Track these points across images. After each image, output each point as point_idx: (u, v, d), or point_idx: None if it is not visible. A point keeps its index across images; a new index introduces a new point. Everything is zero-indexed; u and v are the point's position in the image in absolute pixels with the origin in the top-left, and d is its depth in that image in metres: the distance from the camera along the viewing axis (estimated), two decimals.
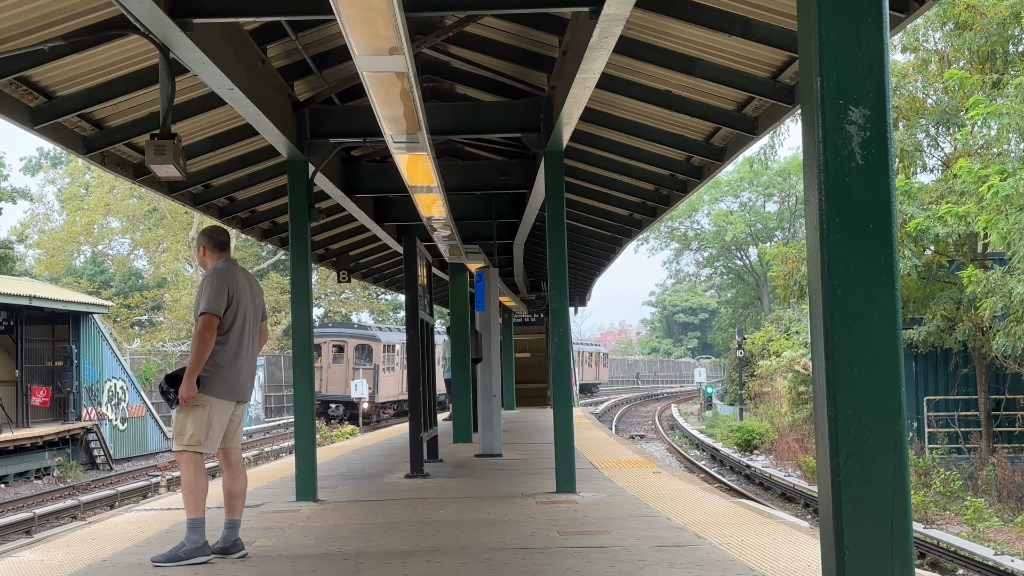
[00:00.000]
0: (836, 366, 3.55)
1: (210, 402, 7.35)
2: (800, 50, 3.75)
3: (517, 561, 7.20)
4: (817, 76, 3.56)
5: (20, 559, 8.17)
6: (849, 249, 3.56)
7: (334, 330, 50.19)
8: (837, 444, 3.53)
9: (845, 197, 3.56)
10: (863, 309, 3.56)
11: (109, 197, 59.11)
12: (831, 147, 3.55)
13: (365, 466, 15.11)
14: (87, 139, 10.80)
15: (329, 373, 46.79)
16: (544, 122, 11.17)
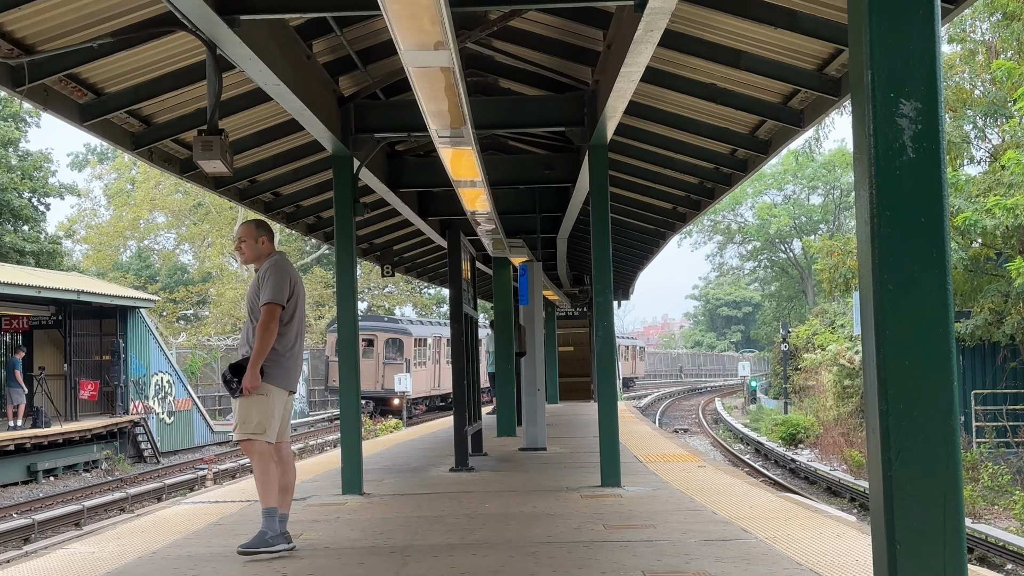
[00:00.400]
0: (887, 361, 3.53)
1: (272, 391, 7.46)
2: (850, 43, 3.73)
3: (563, 555, 7.21)
4: (868, 69, 3.54)
5: (72, 551, 8.27)
6: (900, 243, 3.54)
7: (364, 323, 49.66)
8: (888, 439, 3.51)
9: (896, 191, 3.54)
10: (914, 303, 3.54)
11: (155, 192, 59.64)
12: (882, 141, 3.53)
13: (410, 460, 15.16)
14: (135, 135, 10.89)
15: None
16: (588, 116, 11.15)
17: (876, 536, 3.65)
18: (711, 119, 12.05)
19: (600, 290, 11.08)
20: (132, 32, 8.33)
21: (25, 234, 39.26)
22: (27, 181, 39.47)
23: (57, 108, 9.23)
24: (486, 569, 6.78)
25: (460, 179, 11.51)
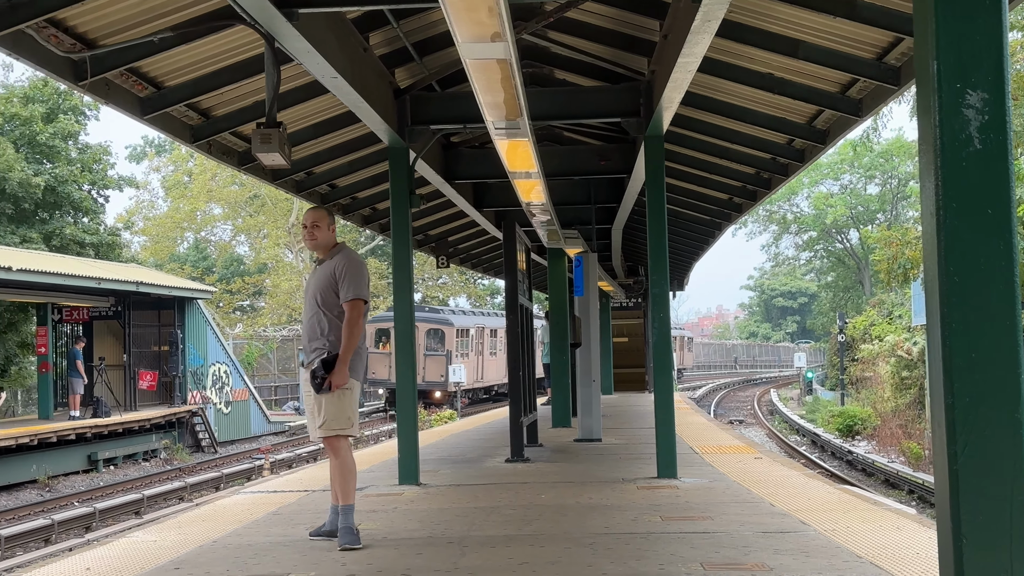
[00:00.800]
0: (953, 353, 3.50)
1: (355, 385, 7.48)
2: (916, 33, 3.69)
3: (620, 546, 7.20)
4: (934, 60, 3.51)
5: (134, 539, 8.38)
6: (966, 235, 3.50)
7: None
8: (954, 432, 3.48)
9: (962, 182, 3.50)
10: (981, 296, 3.50)
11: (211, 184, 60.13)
12: (948, 132, 3.49)
13: (465, 450, 15.21)
14: (194, 128, 11.00)
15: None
16: (644, 107, 11.12)
17: (941, 531, 3.62)
18: (768, 109, 11.96)
19: (656, 281, 11.05)
20: (192, 26, 8.41)
21: (85, 226, 39.71)
22: (87, 174, 39.91)
23: (118, 102, 9.33)
24: (544, 560, 6.79)
25: (515, 170, 11.51)
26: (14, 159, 35.79)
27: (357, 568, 6.70)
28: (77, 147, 40.42)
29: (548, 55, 12.15)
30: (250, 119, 11.12)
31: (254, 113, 10.98)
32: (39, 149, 38.12)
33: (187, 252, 65.79)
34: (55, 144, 38.23)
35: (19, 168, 35.63)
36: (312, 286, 7.57)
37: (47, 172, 37.25)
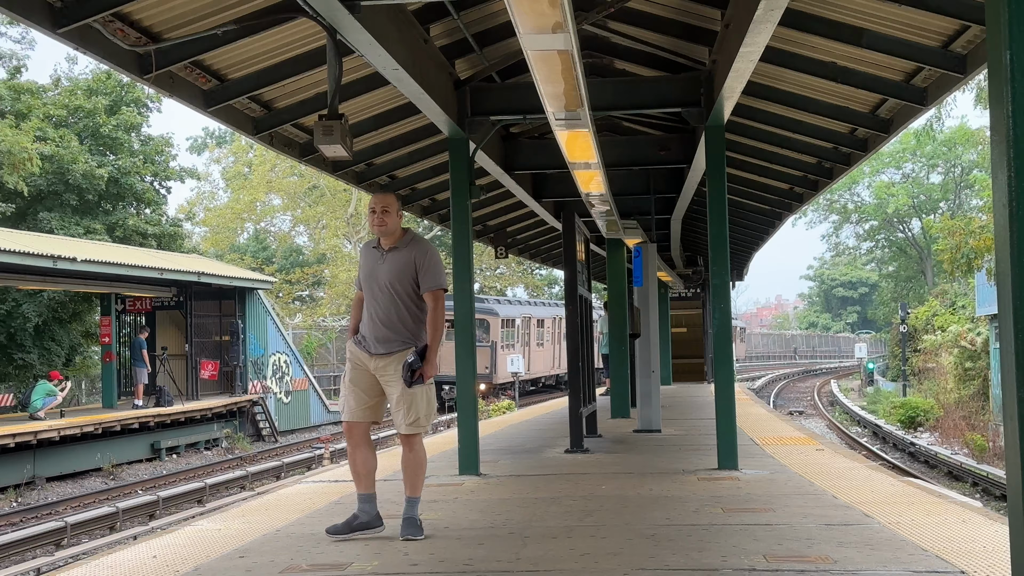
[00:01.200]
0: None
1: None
2: (988, 22, 3.64)
3: (682, 537, 7.19)
4: (1007, 49, 3.46)
5: (199, 527, 8.47)
6: None
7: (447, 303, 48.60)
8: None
9: None
10: None
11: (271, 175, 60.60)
12: (1021, 122, 3.44)
13: (524, 441, 15.22)
14: (256, 120, 11.09)
15: (442, 351, 44.09)
16: (705, 96, 11.06)
17: (1014, 525, 3.58)
18: (831, 98, 11.86)
19: (716, 272, 10.99)
20: (255, 19, 8.48)
21: (147, 217, 40.16)
22: (149, 165, 40.34)
23: (182, 95, 9.43)
24: (605, 551, 6.79)
25: (575, 161, 11.51)
26: (78, 151, 36.26)
27: (420, 558, 6.74)
28: (140, 139, 40.87)
29: (608, 45, 12.12)
30: (311, 111, 11.21)
31: (315, 105, 11.05)
32: (102, 141, 38.59)
33: (247, 243, 66.34)
34: (118, 136, 38.68)
35: (83, 160, 36.10)
36: (384, 275, 7.30)
37: (110, 164, 37.70)
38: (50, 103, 38.54)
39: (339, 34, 7.95)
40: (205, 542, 7.67)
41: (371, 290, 7.37)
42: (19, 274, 25.39)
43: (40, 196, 36.48)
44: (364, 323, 7.41)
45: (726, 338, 11.02)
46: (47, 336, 33.91)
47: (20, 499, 21.50)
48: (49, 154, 34.85)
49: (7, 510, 19.88)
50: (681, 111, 11.47)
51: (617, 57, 12.52)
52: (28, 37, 40.98)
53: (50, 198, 36.70)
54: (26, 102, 36.98)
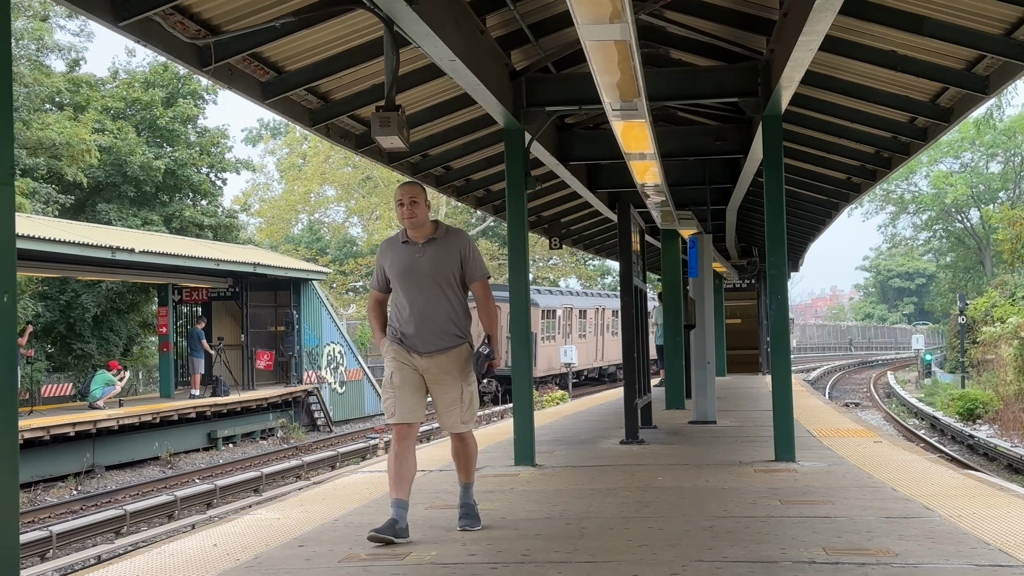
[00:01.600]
0: None
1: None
2: None
3: (740, 529, 7.15)
4: None
5: (258, 516, 8.54)
6: None
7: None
8: None
9: None
10: None
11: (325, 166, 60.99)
12: None
13: (579, 431, 15.21)
14: (313, 112, 11.14)
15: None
16: (762, 86, 10.98)
17: None
18: (890, 87, 11.73)
19: (773, 263, 10.92)
20: (313, 11, 8.51)
21: (204, 208, 40.53)
22: (205, 157, 40.70)
23: (241, 87, 9.49)
24: (663, 543, 6.78)
25: (631, 151, 11.48)
26: (135, 143, 36.64)
27: (477, 548, 6.75)
28: (196, 131, 41.25)
29: (664, 35, 12.06)
30: (367, 102, 11.25)
31: (371, 96, 11.09)
32: (159, 133, 38.97)
33: (301, 233, 66.78)
34: (175, 128, 39.04)
35: (140, 152, 36.47)
36: (427, 268, 6.99)
37: (167, 155, 38.07)
38: (108, 95, 38.97)
39: (396, 25, 7.96)
40: (264, 531, 7.74)
41: (411, 286, 7.00)
42: (78, 265, 25.71)
43: (98, 188, 36.91)
44: (403, 322, 7.04)
45: (783, 329, 10.95)
46: (105, 326, 34.31)
47: (80, 487, 21.79)
48: (107, 146, 35.24)
49: (68, 498, 20.16)
50: (738, 101, 11.40)
51: (673, 47, 12.46)
52: (87, 30, 41.43)
53: (108, 189, 37.11)
54: (84, 94, 37.43)
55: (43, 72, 35.61)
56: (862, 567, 5.93)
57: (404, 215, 7.00)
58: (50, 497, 20.49)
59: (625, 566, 6.15)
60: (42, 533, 14.96)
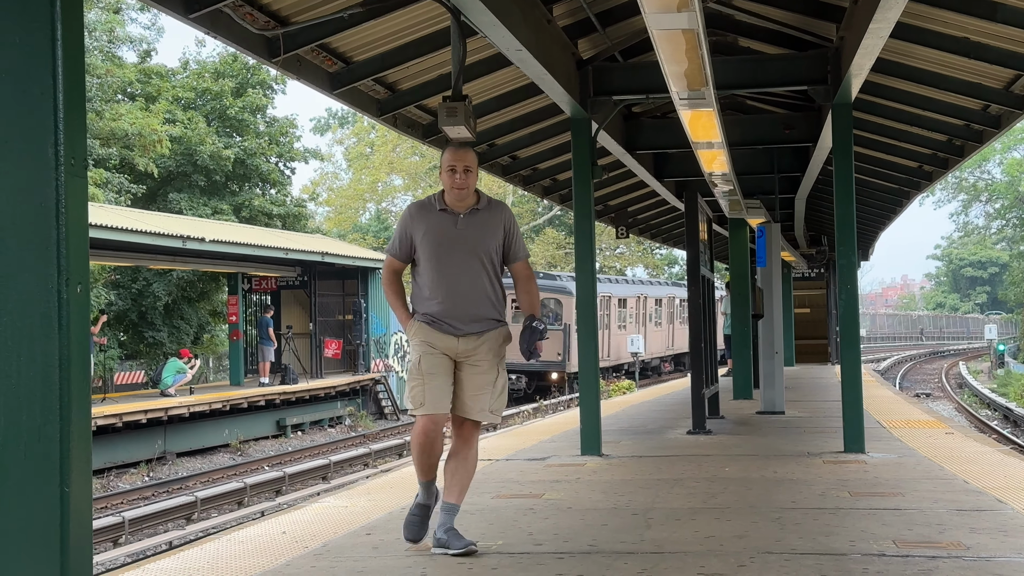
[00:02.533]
0: None
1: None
2: None
3: (808, 521, 7.10)
4: None
5: (327, 504, 8.61)
6: None
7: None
8: None
9: None
10: None
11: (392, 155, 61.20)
12: None
13: (645, 421, 15.17)
14: (380, 102, 11.21)
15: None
16: (832, 74, 10.87)
17: None
18: (962, 74, 11.55)
19: (843, 252, 10.81)
20: (380, 1, 8.55)
21: (272, 197, 40.88)
22: (274, 146, 41.05)
23: (309, 77, 9.56)
24: (730, 534, 6.74)
25: (699, 140, 11.42)
26: (206, 132, 37.04)
27: (544, 538, 6.76)
28: (265, 120, 41.60)
29: (732, 23, 11.98)
30: (434, 92, 11.29)
31: (438, 86, 11.13)
32: (229, 123, 39.36)
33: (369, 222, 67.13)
34: (244, 118, 39.42)
35: (210, 141, 36.87)
36: (469, 242, 6.22)
37: (237, 145, 38.44)
38: (179, 86, 39.44)
39: (463, 15, 7.97)
40: (332, 519, 7.80)
41: (447, 261, 6.20)
42: (150, 254, 26.06)
43: (169, 177, 37.37)
44: (435, 300, 6.23)
45: (853, 319, 10.84)
46: (176, 314, 34.76)
47: (152, 474, 22.11)
48: (178, 136, 35.66)
49: (140, 484, 20.46)
50: (807, 89, 11.30)
51: (741, 35, 12.37)
52: (157, 23, 41.96)
53: (179, 179, 37.57)
54: (156, 85, 37.92)
55: (115, 63, 36.12)
56: (933, 560, 5.87)
57: (455, 183, 6.16)
58: (122, 483, 20.81)
59: (692, 557, 6.13)
60: (115, 519, 15.19)
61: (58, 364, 3.59)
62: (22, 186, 3.62)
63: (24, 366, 3.60)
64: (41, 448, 3.58)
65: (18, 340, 3.60)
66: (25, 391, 3.60)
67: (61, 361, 3.59)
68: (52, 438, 3.58)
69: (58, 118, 3.60)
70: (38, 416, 3.59)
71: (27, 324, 3.60)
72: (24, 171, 3.61)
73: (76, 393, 3.63)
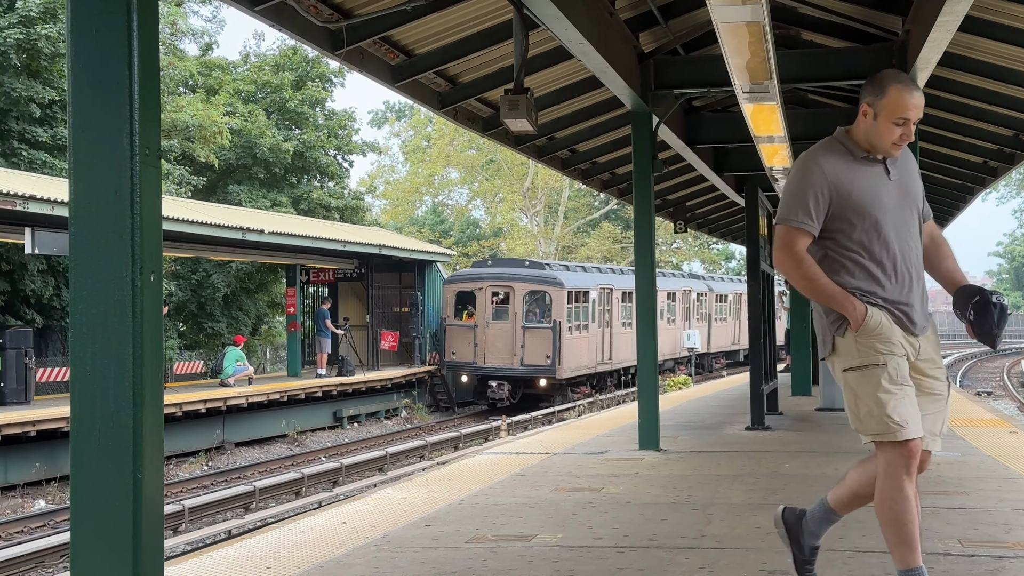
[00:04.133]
0: None
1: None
2: None
3: (871, 519, 6.97)
4: None
5: (385, 495, 8.66)
6: None
7: (494, 270, 33.37)
8: None
9: None
10: None
11: (449, 149, 61.28)
12: None
13: (703, 417, 15.12)
14: (441, 95, 11.23)
15: (487, 335, 31.73)
16: (897, 67, 10.72)
17: None
18: None
19: None
20: None
21: (331, 190, 41.09)
22: (332, 139, 41.26)
23: (371, 70, 9.60)
24: None
25: (760, 135, 11.36)
26: (265, 125, 37.30)
27: (604, 532, 6.75)
28: (324, 113, 41.82)
29: (795, 16, 11.86)
30: (495, 85, 11.30)
31: (499, 79, 11.14)
32: (288, 116, 39.61)
33: (425, 215, 67.34)
34: (303, 111, 39.64)
35: (270, 134, 37.12)
36: (905, 205, 4.58)
37: (296, 138, 38.67)
38: (239, 79, 39.73)
39: (526, 8, 7.97)
40: (391, 510, 7.84)
41: (890, 228, 4.52)
42: (210, 245, 26.28)
43: (229, 169, 37.66)
44: (886, 283, 4.51)
45: None
46: (235, 305, 35.02)
47: (211, 463, 22.31)
48: (238, 128, 35.93)
49: (199, 473, 20.66)
50: None
51: (805, 28, 12.25)
52: (218, 16, 42.31)
53: (239, 171, 37.86)
54: (216, 78, 38.24)
55: (177, 56, 36.46)
56: (999, 560, 5.80)
57: (899, 137, 4.46)
58: (182, 472, 21.02)
59: (754, 554, 6.10)
60: (175, 507, 15.34)
61: (131, 351, 3.64)
62: (98, 175, 3.67)
63: (99, 353, 3.64)
64: (114, 435, 3.63)
65: (93, 327, 3.65)
66: (99, 378, 3.64)
67: (135, 348, 3.64)
68: (125, 425, 3.62)
69: (133, 108, 3.64)
70: (112, 403, 3.63)
71: (102, 312, 3.64)
72: (100, 160, 3.66)
73: (149, 380, 3.67)
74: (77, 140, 3.70)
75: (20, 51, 25.25)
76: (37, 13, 25.27)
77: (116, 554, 3.63)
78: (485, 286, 32.09)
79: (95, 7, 3.66)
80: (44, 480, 19.02)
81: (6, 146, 26.28)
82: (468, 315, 32.54)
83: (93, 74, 3.66)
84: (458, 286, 33.21)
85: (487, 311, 31.94)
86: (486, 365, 31.55)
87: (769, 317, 14.44)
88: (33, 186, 19.81)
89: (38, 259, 24.98)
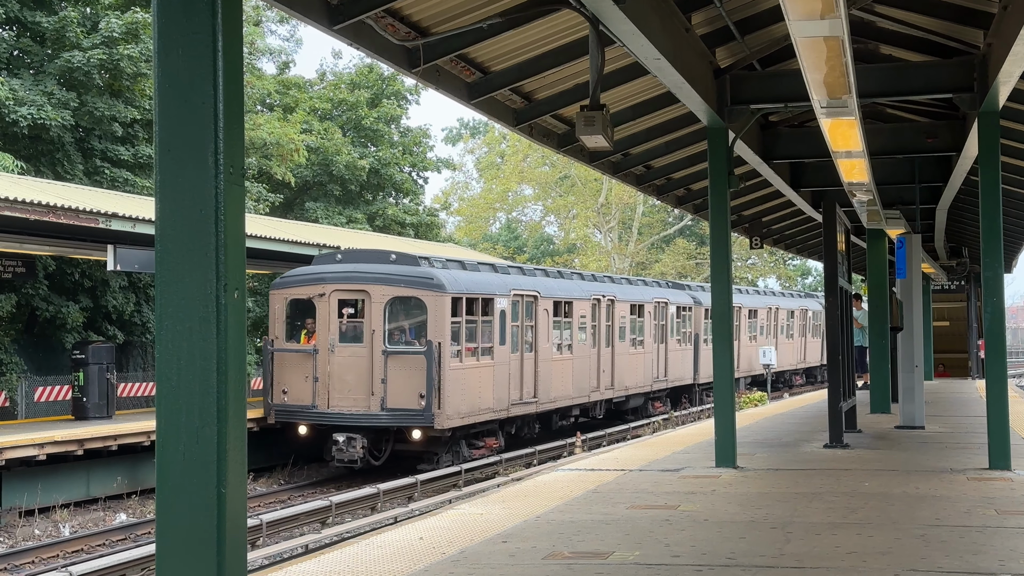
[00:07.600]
0: None
1: None
2: None
3: (954, 539, 6.93)
4: None
5: (461, 511, 8.68)
6: None
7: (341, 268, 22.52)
8: None
9: None
10: None
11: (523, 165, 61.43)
12: None
13: (780, 434, 14.98)
14: (517, 112, 11.26)
15: (332, 364, 21.79)
16: (978, 81, 10.60)
17: None
18: None
19: (988, 264, 10.56)
20: (519, 11, 8.60)
21: (405, 207, 41.38)
22: (407, 156, 41.56)
23: (447, 87, 9.66)
24: (873, 550, 6.62)
25: (838, 150, 11.24)
26: (341, 143, 37.65)
27: (681, 550, 6.72)
28: (399, 131, 42.13)
29: (873, 30, 11.75)
30: (570, 102, 11.31)
31: (574, 96, 11.15)
32: (364, 133, 39.97)
33: (499, 232, 67.50)
34: (379, 128, 39.98)
35: (346, 152, 37.47)
36: None
37: (371, 155, 39.00)
38: (315, 97, 40.18)
39: (602, 24, 7.97)
40: (468, 526, 7.85)
41: None
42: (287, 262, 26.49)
43: (306, 186, 38.06)
44: None
45: (999, 332, 10.56)
46: None
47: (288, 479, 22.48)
48: (314, 146, 36.31)
49: (276, 487, 20.83)
50: (952, 97, 11.04)
51: (883, 42, 12.13)
52: (295, 35, 42.80)
53: (315, 188, 38.24)
54: (293, 96, 38.69)
55: (255, 75, 36.93)
56: None
57: None
58: (260, 487, 21.21)
59: (835, 573, 6.03)
60: (253, 521, 15.48)
61: (216, 367, 3.69)
62: (183, 194, 3.73)
63: (184, 369, 3.70)
64: (199, 450, 3.68)
65: (178, 343, 3.71)
66: (184, 394, 3.70)
67: (219, 364, 3.69)
68: (210, 440, 3.67)
69: (218, 127, 3.70)
70: (196, 418, 3.68)
71: (186, 328, 3.70)
72: (186, 178, 3.72)
73: (233, 396, 3.72)
74: (163, 159, 3.77)
75: (103, 71, 25.72)
76: (120, 34, 25.73)
77: (200, 568, 3.67)
78: (328, 291, 22.06)
79: (182, 28, 3.72)
80: (125, 494, 19.29)
81: (89, 164, 26.77)
82: (307, 335, 22.59)
83: (179, 94, 3.72)
84: (290, 291, 22.78)
85: (331, 328, 21.98)
86: (329, 410, 21.69)
87: (847, 333, 14.28)
88: (115, 204, 20.16)
89: (120, 276, 25.39)
